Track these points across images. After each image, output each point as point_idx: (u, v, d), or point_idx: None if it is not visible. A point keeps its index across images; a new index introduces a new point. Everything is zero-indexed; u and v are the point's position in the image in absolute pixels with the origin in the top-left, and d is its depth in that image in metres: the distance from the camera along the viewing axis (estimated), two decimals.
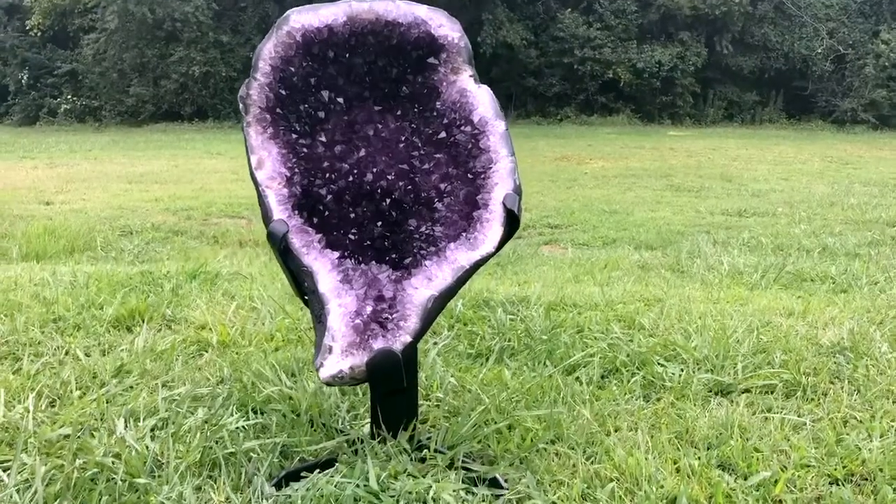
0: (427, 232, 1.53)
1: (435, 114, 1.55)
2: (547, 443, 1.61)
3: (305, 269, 1.44)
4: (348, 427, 1.66)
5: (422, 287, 1.40)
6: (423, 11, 1.52)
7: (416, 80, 1.57)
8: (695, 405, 1.85)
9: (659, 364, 2.10)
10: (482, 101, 1.52)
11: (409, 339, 1.37)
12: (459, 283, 1.42)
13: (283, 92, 1.50)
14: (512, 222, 1.46)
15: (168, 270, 3.32)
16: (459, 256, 1.43)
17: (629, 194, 8.16)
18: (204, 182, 9.04)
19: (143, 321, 2.51)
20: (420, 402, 1.80)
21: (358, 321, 1.37)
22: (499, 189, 1.47)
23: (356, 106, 1.57)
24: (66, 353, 2.19)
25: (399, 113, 1.58)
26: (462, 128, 1.52)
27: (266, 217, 1.47)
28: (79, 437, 1.54)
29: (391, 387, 1.45)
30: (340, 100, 1.55)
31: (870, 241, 5.20)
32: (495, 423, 1.64)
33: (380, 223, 1.56)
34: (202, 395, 1.83)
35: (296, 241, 1.45)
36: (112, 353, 2.18)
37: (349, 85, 1.55)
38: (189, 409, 1.76)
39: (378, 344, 1.36)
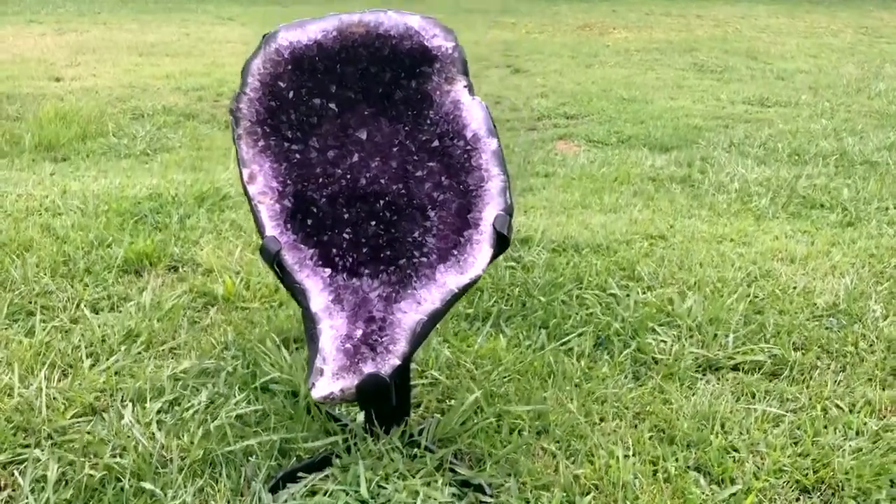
0: (420, 239, 1.54)
1: (428, 122, 1.53)
2: (534, 436, 1.68)
3: (298, 285, 1.47)
4: (345, 414, 1.73)
5: (411, 311, 1.43)
6: (415, 21, 1.47)
7: (409, 84, 1.53)
8: (682, 386, 1.91)
9: (653, 331, 2.15)
10: (475, 116, 1.49)
11: (397, 362, 1.41)
12: (447, 306, 1.44)
13: (274, 104, 1.48)
14: (501, 244, 1.47)
15: (176, 192, 3.34)
16: (448, 280, 1.45)
17: (650, 75, 7.95)
18: (215, 55, 8.89)
19: (151, 265, 2.56)
20: (415, 381, 1.88)
21: (348, 345, 1.41)
22: (489, 209, 1.47)
23: (349, 109, 1.55)
24: (77, 306, 2.26)
25: (393, 115, 1.56)
26: (455, 141, 1.51)
27: (259, 230, 1.49)
28: (88, 432, 1.63)
29: (380, 407, 1.51)
30: (332, 105, 1.53)
31: (889, 144, 5.10)
32: (485, 415, 1.71)
33: (374, 222, 1.58)
34: (207, 370, 1.91)
35: (288, 258, 1.48)
36: (122, 310, 2.25)
37: (341, 90, 1.52)
38: (194, 387, 1.84)
39: (368, 368, 1.41)
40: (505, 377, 1.90)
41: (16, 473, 1.52)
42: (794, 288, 2.48)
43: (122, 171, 4.65)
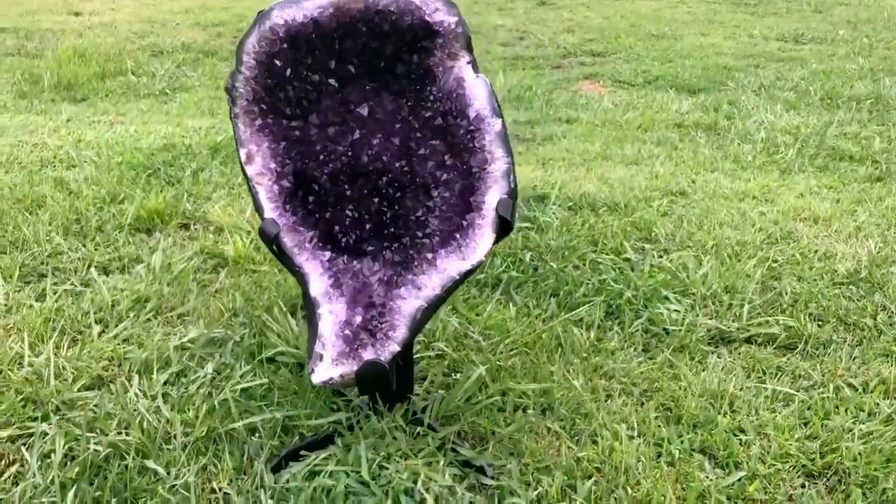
0: (423, 219, 1.51)
1: (431, 99, 1.48)
2: (538, 414, 1.67)
3: (297, 269, 1.45)
4: (349, 390, 1.73)
5: (410, 297, 1.41)
6: None
7: (411, 59, 1.48)
8: (692, 361, 1.88)
9: (666, 300, 2.11)
10: (479, 95, 1.44)
11: (396, 348, 1.39)
12: (448, 292, 1.42)
13: (270, 82, 1.43)
14: (504, 229, 1.43)
15: (190, 143, 3.31)
16: (450, 266, 1.42)
17: (681, 9, 7.72)
18: None
19: (162, 222, 2.55)
20: (421, 354, 1.86)
21: (348, 332, 1.40)
22: (493, 192, 1.43)
23: (349, 84, 1.50)
24: (88, 268, 2.26)
25: (395, 89, 1.51)
26: (458, 120, 1.46)
27: (258, 211, 1.47)
28: (94, 406, 1.64)
29: (380, 392, 1.50)
30: (332, 81, 1.48)
31: None
32: (489, 392, 1.69)
33: (377, 199, 1.54)
34: (215, 339, 1.91)
35: (287, 241, 1.45)
36: (132, 272, 2.25)
37: (340, 65, 1.47)
38: (201, 357, 1.85)
39: (367, 354, 1.39)
40: (512, 350, 1.88)
41: (23, 449, 1.53)
42: (815, 252, 2.42)
43: (140, 114, 4.63)
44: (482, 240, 1.42)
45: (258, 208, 1.46)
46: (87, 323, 1.98)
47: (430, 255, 1.45)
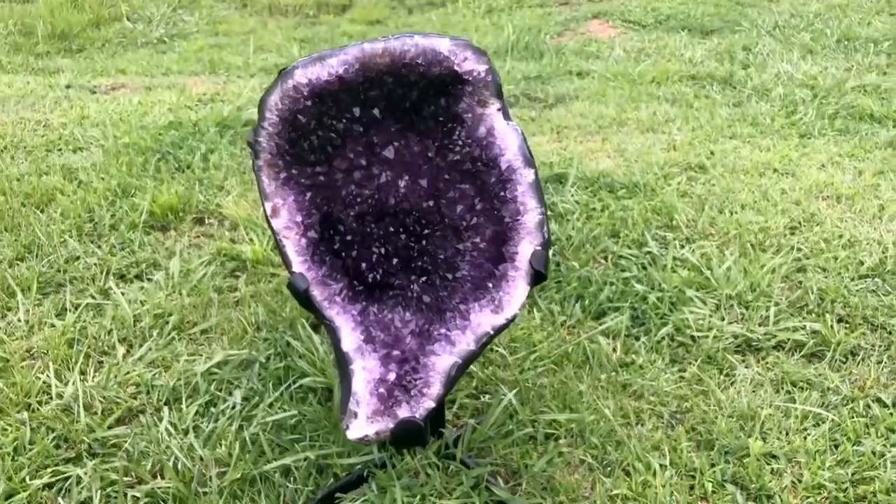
0: (452, 260, 1.48)
1: (460, 143, 1.43)
2: (570, 442, 1.67)
3: (328, 322, 1.43)
4: None
5: (444, 353, 1.39)
6: (444, 46, 1.34)
7: (439, 102, 1.42)
8: (720, 374, 1.87)
9: (690, 301, 2.09)
10: (510, 145, 1.38)
11: (432, 404, 1.39)
12: (482, 347, 1.40)
13: (294, 135, 1.38)
14: (538, 279, 1.40)
15: (197, 119, 3.24)
16: (483, 320, 1.39)
17: None
18: None
19: (176, 218, 2.52)
20: None
21: (382, 390, 1.38)
22: (525, 244, 1.39)
23: (374, 127, 1.44)
24: (106, 275, 2.24)
25: (422, 129, 1.45)
26: (489, 170, 1.41)
27: (285, 264, 1.44)
28: (128, 449, 1.64)
29: (414, 447, 1.50)
30: (357, 126, 1.43)
31: None
32: (519, 421, 1.70)
33: (404, 235, 1.51)
34: (241, 360, 1.90)
35: (317, 294, 1.42)
36: (151, 278, 2.22)
37: (365, 111, 1.42)
38: (228, 382, 1.84)
39: (402, 411, 1.38)
40: (539, 366, 1.88)
41: (59, 499, 1.54)
42: (840, 238, 2.38)
43: (140, 71, 4.52)
44: (516, 292, 1.40)
45: (286, 262, 1.43)
46: (111, 343, 1.97)
47: (462, 307, 1.42)
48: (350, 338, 1.42)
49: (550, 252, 1.41)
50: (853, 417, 1.72)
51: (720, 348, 1.94)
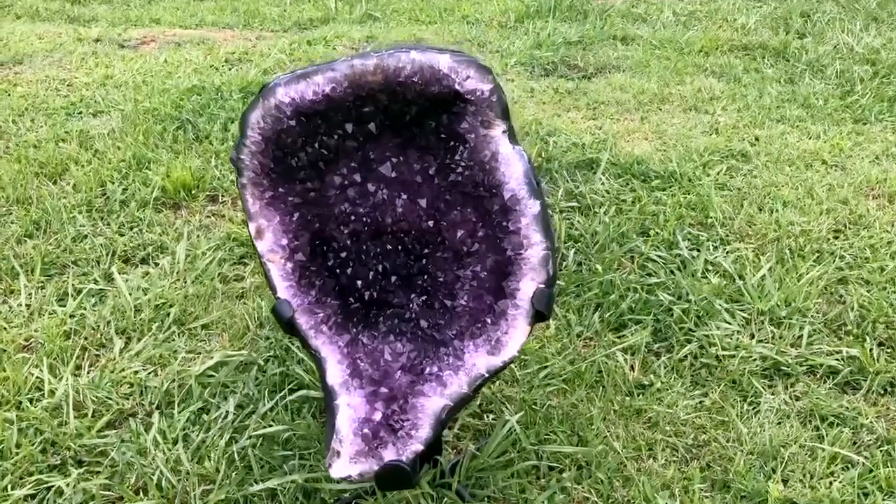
0: (452, 285, 1.37)
1: (462, 165, 1.30)
2: (574, 475, 1.57)
3: (314, 352, 1.33)
4: None
5: (434, 395, 1.29)
6: (444, 63, 1.20)
7: (440, 118, 1.29)
8: (744, 401, 1.75)
9: (718, 314, 1.96)
10: (515, 172, 1.25)
11: (419, 447, 1.29)
12: (476, 391, 1.29)
13: (279, 153, 1.27)
14: (540, 319, 1.29)
15: (220, 84, 3.14)
16: (478, 362, 1.29)
17: None
18: None
19: (189, 195, 2.44)
20: None
21: (367, 430, 1.29)
22: (528, 280, 1.27)
23: (370, 141, 1.33)
24: (111, 257, 2.17)
25: (423, 144, 1.33)
26: (491, 197, 1.28)
27: (270, 289, 1.34)
28: (113, 460, 1.59)
29: (401, 489, 1.41)
30: (350, 142, 1.31)
31: None
32: (522, 450, 1.60)
33: (403, 253, 1.41)
34: (237, 364, 1.83)
35: (302, 323, 1.33)
36: (157, 263, 2.16)
37: (360, 126, 1.30)
38: (224, 386, 1.77)
39: (388, 453, 1.29)
40: (548, 384, 1.77)
41: None
42: (889, 244, 2.21)
43: (174, 17, 4.43)
44: (515, 332, 1.28)
45: (271, 286, 1.33)
46: (109, 335, 1.92)
47: (457, 343, 1.32)
48: (335, 371, 1.32)
49: (554, 289, 1.28)
50: (888, 465, 1.59)
51: (746, 371, 1.81)
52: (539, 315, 1.28)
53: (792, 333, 1.91)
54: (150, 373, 1.82)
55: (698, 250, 2.20)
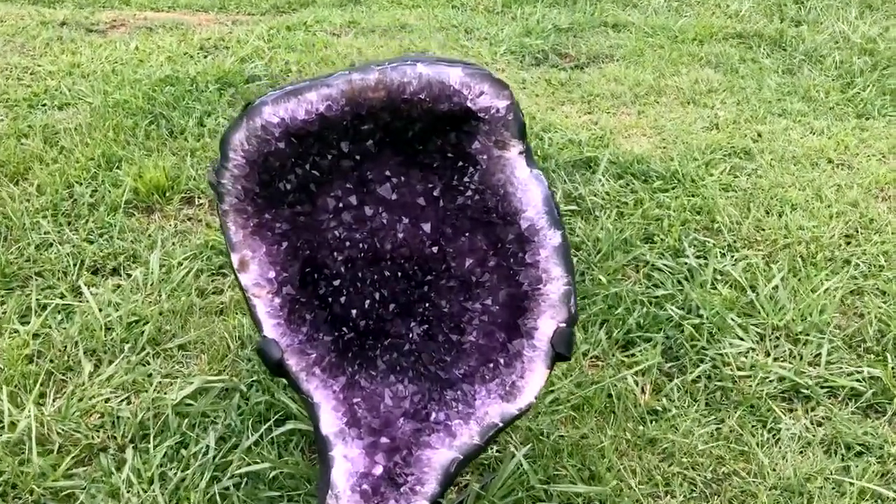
0: (458, 317, 1.23)
1: (472, 188, 1.16)
2: None
3: (305, 396, 1.20)
4: None
5: (442, 447, 1.16)
6: (455, 77, 1.06)
7: (447, 135, 1.15)
8: (763, 427, 1.64)
9: (731, 330, 1.84)
10: (533, 199, 1.12)
11: (425, 503, 1.17)
12: (488, 442, 1.17)
13: (266, 176, 1.12)
14: (559, 359, 1.16)
15: (196, 74, 2.96)
16: (491, 409, 1.16)
17: None
18: None
19: (163, 197, 2.28)
20: None
21: (366, 486, 1.16)
22: (546, 318, 1.14)
23: (368, 161, 1.18)
24: (79, 269, 2.02)
25: (427, 163, 1.19)
26: (505, 225, 1.15)
27: (256, 327, 1.20)
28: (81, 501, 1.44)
29: None
30: (346, 162, 1.17)
31: None
32: (530, 488, 1.48)
33: (404, 280, 1.27)
34: (218, 390, 1.68)
35: (293, 365, 1.19)
36: (129, 274, 2.00)
37: (357, 145, 1.15)
38: (204, 416, 1.63)
39: None
40: (556, 411, 1.65)
41: None
42: None
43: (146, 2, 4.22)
44: (532, 376, 1.15)
45: (256, 323, 1.19)
46: (77, 358, 1.76)
47: (466, 386, 1.18)
48: (330, 419, 1.19)
49: (575, 328, 1.16)
50: None
51: (764, 394, 1.70)
52: (559, 357, 1.15)
53: (809, 351, 1.80)
54: (122, 400, 1.67)
55: (706, 258, 2.08)
